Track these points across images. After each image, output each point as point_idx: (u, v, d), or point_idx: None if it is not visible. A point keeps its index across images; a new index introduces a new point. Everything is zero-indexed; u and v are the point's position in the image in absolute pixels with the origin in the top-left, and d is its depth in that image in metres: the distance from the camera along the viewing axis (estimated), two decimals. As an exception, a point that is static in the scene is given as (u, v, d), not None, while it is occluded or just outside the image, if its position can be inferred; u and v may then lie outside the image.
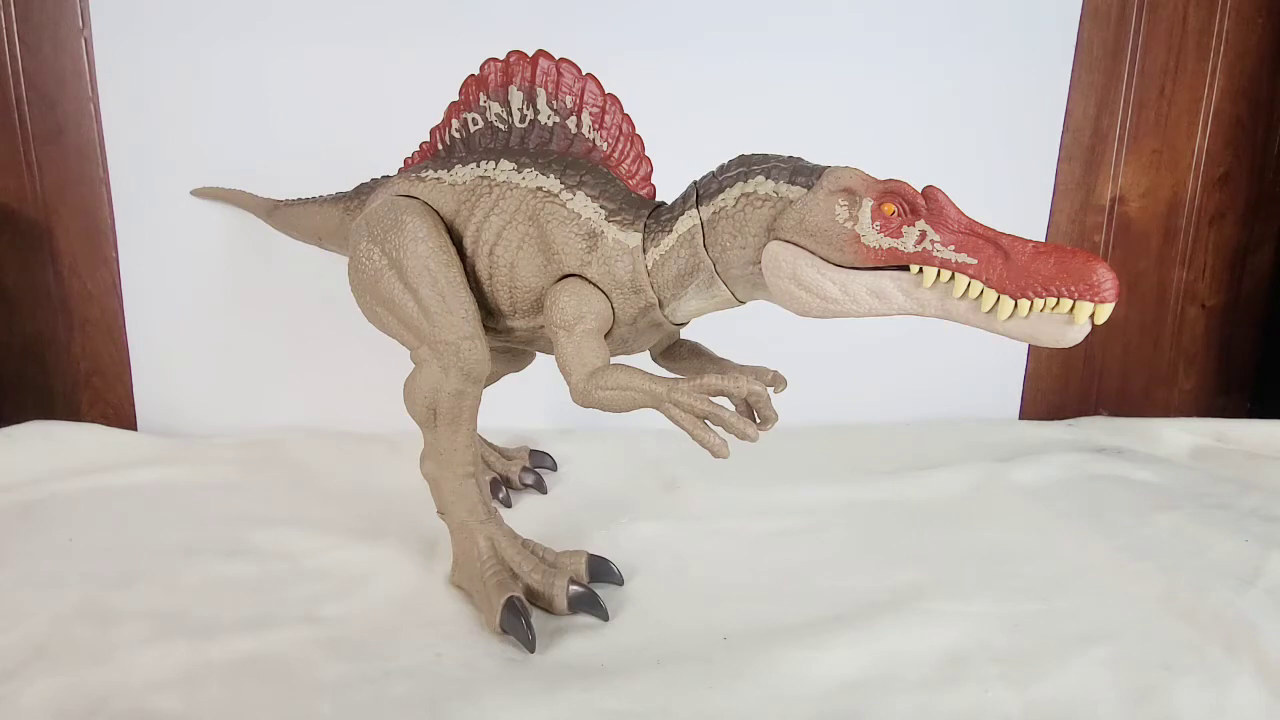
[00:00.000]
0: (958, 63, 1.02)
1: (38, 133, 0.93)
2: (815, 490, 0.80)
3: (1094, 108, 1.07)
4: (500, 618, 0.53)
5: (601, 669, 0.50)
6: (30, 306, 0.98)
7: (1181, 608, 0.57)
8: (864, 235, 0.44)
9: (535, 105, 0.57)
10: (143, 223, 0.96)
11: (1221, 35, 1.07)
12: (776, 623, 0.55)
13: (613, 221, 0.54)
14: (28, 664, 0.49)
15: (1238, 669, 0.50)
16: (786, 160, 0.49)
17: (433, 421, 0.57)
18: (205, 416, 1.00)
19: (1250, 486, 0.83)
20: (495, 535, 0.58)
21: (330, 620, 0.55)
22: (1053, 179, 1.08)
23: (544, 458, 0.86)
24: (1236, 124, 1.10)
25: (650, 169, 0.58)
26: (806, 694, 0.48)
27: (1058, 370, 1.16)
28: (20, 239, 0.95)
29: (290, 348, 1.00)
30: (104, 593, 0.58)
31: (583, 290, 0.54)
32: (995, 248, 0.43)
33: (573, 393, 0.53)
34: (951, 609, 0.57)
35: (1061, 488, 0.82)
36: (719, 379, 0.48)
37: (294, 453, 0.91)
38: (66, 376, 1.00)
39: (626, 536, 0.69)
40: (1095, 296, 0.40)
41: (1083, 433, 1.04)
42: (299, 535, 0.68)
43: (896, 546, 0.69)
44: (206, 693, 0.47)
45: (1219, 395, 1.20)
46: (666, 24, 0.96)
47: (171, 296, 0.98)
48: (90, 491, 0.78)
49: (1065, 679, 0.49)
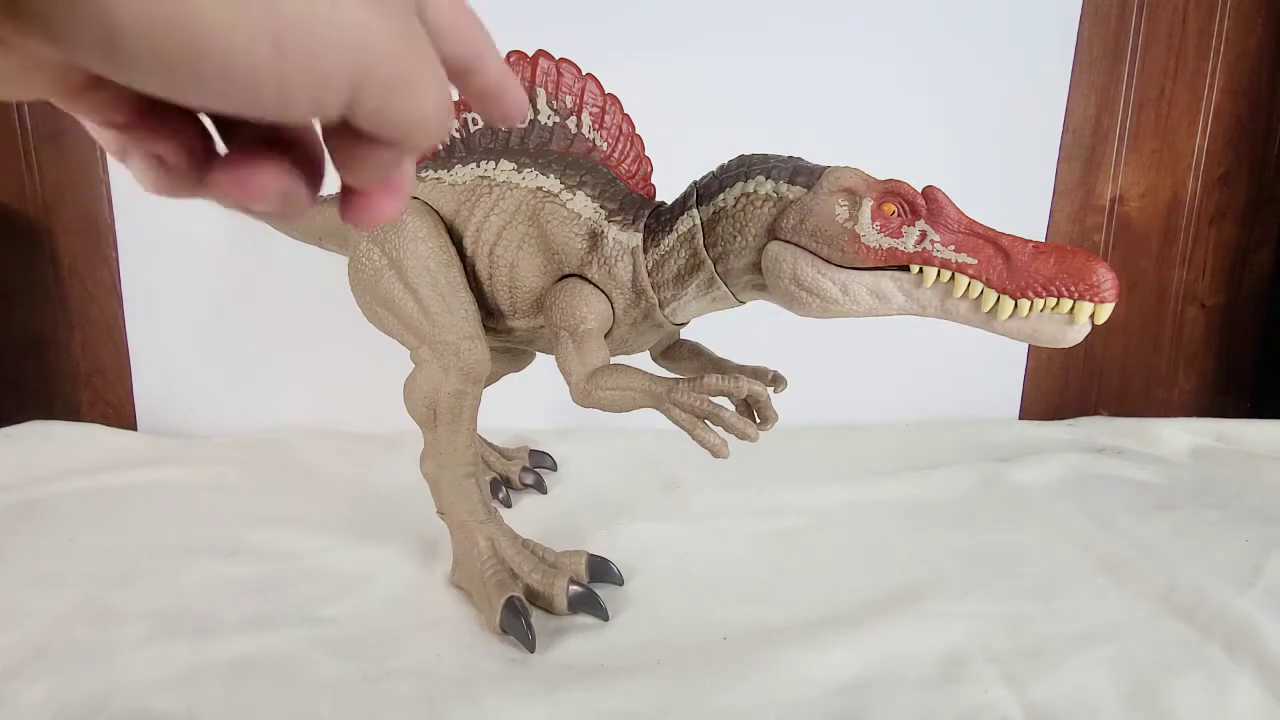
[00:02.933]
0: (958, 63, 1.02)
1: (38, 133, 0.93)
2: (815, 490, 0.80)
3: (1094, 108, 1.07)
4: (500, 618, 0.53)
5: (601, 669, 0.50)
6: (30, 306, 0.98)
7: (1181, 608, 0.57)
8: (864, 235, 0.44)
9: (535, 105, 0.57)
10: (143, 223, 0.96)
11: (1221, 35, 1.07)
12: (776, 623, 0.55)
13: (613, 221, 0.54)
14: (28, 664, 0.49)
15: (1238, 669, 0.50)
16: (786, 160, 0.49)
17: (433, 421, 0.57)
18: (205, 416, 1.01)
19: (1250, 486, 0.83)
20: (495, 535, 0.58)
21: (330, 620, 0.55)
22: (1053, 179, 1.08)
23: (544, 458, 0.86)
24: (1236, 124, 1.10)
25: (650, 169, 0.58)
26: (806, 694, 0.48)
27: (1058, 370, 1.16)
28: (20, 239, 0.95)
29: (290, 348, 1.00)
30: (104, 593, 0.58)
31: (583, 290, 0.54)
32: (995, 248, 0.43)
33: (573, 393, 0.53)
34: (951, 609, 0.57)
35: (1061, 488, 0.82)
36: (719, 379, 0.48)
37: (294, 453, 0.91)
38: (66, 376, 1.00)
39: (626, 536, 0.69)
40: (1095, 296, 0.40)
41: (1083, 433, 1.04)
42: (299, 535, 0.68)
43: (896, 546, 0.69)
44: (206, 693, 0.47)
45: (1219, 395, 1.20)
46: (667, 24, 0.96)
47: (171, 296, 0.98)
48: (90, 491, 0.78)
49: (1065, 679, 0.49)
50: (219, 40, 0.14)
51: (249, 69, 0.15)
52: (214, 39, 0.14)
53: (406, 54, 0.18)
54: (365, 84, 0.17)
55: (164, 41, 0.14)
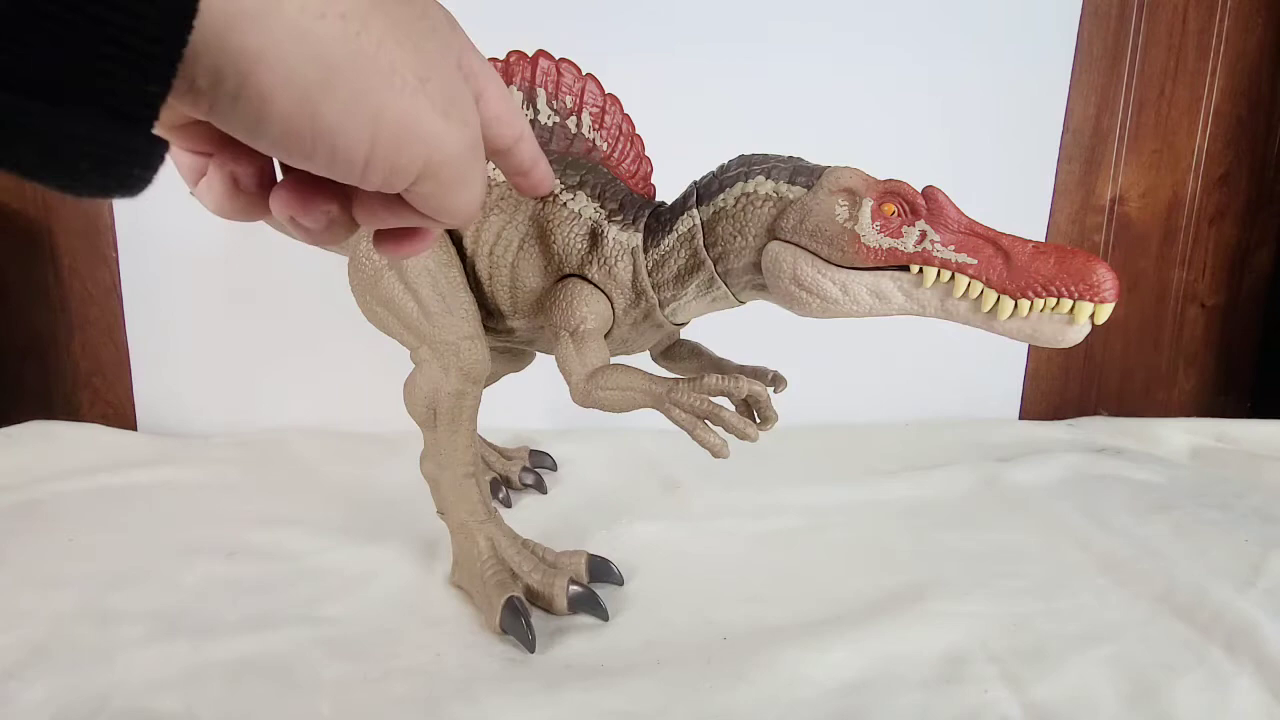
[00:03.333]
0: (958, 63, 1.02)
1: (38, 133, 0.93)
2: (815, 490, 0.80)
3: (1094, 108, 1.07)
4: (500, 618, 0.53)
5: (601, 669, 0.50)
6: (30, 306, 0.98)
7: (1181, 608, 0.57)
8: (864, 235, 0.44)
9: (535, 105, 0.57)
10: (143, 223, 0.96)
11: (1221, 35, 1.07)
12: (776, 623, 0.55)
13: (613, 221, 0.54)
14: (28, 664, 0.49)
15: (1238, 669, 0.50)
16: (786, 160, 0.49)
17: (433, 421, 0.57)
18: (205, 416, 1.01)
19: (1250, 486, 0.83)
20: (495, 535, 0.58)
21: (330, 620, 0.55)
22: (1053, 179, 1.08)
23: (544, 458, 0.86)
24: (1236, 124, 1.10)
25: (650, 169, 0.58)
26: (806, 694, 0.48)
27: (1058, 370, 1.16)
28: (20, 239, 0.95)
29: (290, 348, 1.00)
30: (104, 593, 0.58)
31: (583, 290, 0.53)
32: (995, 248, 0.43)
33: (573, 393, 0.53)
34: (951, 609, 0.57)
35: (1061, 488, 0.82)
36: (719, 379, 0.48)
37: (294, 453, 0.91)
38: (66, 376, 1.00)
39: (626, 536, 0.69)
40: (1095, 296, 0.40)
41: (1083, 433, 1.04)
42: (299, 535, 0.68)
43: (896, 546, 0.69)
44: (206, 693, 0.47)
45: (1219, 395, 1.20)
46: (667, 23, 0.96)
47: (171, 296, 0.98)
48: (90, 491, 0.78)
49: (1065, 679, 0.49)
50: (332, 136, 0.20)
51: (347, 155, 0.21)
52: (329, 134, 0.20)
53: (465, 159, 0.24)
54: (427, 175, 0.23)
55: (295, 130, 0.20)
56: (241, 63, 0.18)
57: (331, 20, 0.19)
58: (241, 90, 0.19)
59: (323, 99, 0.20)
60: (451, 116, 0.23)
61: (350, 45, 0.20)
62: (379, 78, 0.20)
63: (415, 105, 0.21)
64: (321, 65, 0.19)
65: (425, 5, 0.23)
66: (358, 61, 0.20)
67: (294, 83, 0.19)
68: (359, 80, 0.20)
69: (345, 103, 0.20)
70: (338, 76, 0.20)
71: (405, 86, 0.21)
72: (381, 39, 0.21)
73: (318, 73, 0.19)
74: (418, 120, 0.22)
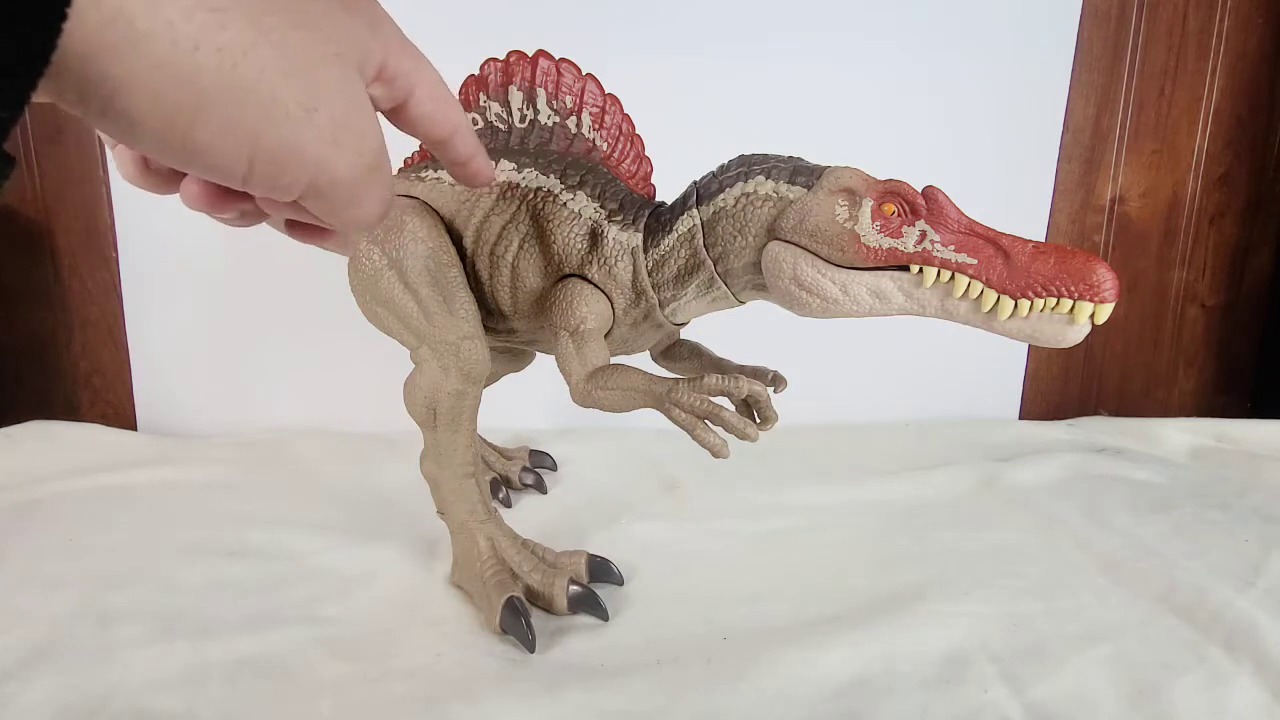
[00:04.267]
0: (958, 63, 1.02)
1: (38, 133, 0.93)
2: (815, 490, 0.80)
3: (1094, 108, 1.07)
4: (500, 618, 0.53)
5: (601, 669, 0.50)
6: (30, 306, 0.98)
7: (1181, 607, 0.57)
8: (864, 235, 0.44)
9: (535, 105, 0.57)
10: (143, 223, 0.96)
11: (1221, 35, 1.07)
12: (776, 623, 0.55)
13: (613, 221, 0.54)
14: (28, 664, 0.49)
15: (1238, 669, 0.50)
16: (786, 160, 0.49)
17: (433, 421, 0.57)
18: (205, 416, 1.01)
19: (1250, 486, 0.83)
20: (495, 535, 0.58)
21: (330, 620, 0.55)
22: (1053, 179, 1.08)
23: (544, 458, 0.86)
24: (1236, 124, 1.10)
25: (650, 169, 0.58)
26: (806, 694, 0.48)
27: (1058, 370, 1.16)
28: (20, 239, 0.95)
29: (290, 348, 1.00)
30: (104, 593, 0.58)
31: (583, 290, 0.53)
32: (995, 248, 0.43)
33: (573, 393, 0.53)
34: (951, 609, 0.57)
35: (1061, 488, 0.82)
36: (719, 379, 0.48)
37: (294, 453, 0.91)
38: (66, 376, 1.00)
39: (626, 536, 0.69)
40: (1095, 296, 0.40)
41: (1083, 433, 1.04)
42: (299, 535, 0.68)
43: (896, 546, 0.69)
44: (206, 693, 0.47)
45: (1219, 395, 1.20)
46: (667, 24, 0.96)
47: (171, 296, 0.98)
48: (90, 491, 0.78)
49: (1065, 679, 0.49)
50: (207, 155, 0.22)
51: (225, 172, 0.23)
52: (203, 153, 0.22)
53: (356, 181, 0.25)
54: (314, 195, 0.25)
55: (169, 144, 0.21)
56: (103, 89, 0.20)
57: (206, 53, 0.20)
58: (107, 110, 0.20)
59: (194, 123, 0.21)
60: (342, 143, 0.24)
61: (225, 77, 0.21)
62: (256, 108, 0.22)
63: (297, 134, 0.23)
64: (192, 93, 0.20)
65: (333, 27, 0.24)
66: (234, 92, 0.21)
67: (162, 108, 0.20)
68: (233, 109, 0.21)
69: (218, 128, 0.21)
70: (210, 104, 0.21)
71: (288, 116, 0.22)
72: (264, 69, 0.21)
73: (189, 99, 0.21)
74: (299, 147, 0.23)
